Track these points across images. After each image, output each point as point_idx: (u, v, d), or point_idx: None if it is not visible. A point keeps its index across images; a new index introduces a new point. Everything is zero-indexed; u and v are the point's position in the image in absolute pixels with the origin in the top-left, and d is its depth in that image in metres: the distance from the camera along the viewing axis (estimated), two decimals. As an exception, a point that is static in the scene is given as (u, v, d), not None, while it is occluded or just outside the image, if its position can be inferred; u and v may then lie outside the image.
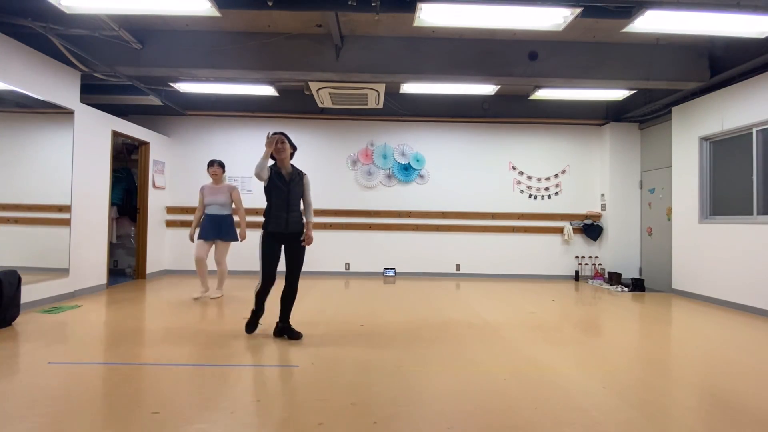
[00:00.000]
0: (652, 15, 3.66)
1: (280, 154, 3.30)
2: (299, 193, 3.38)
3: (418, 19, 3.80)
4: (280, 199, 3.29)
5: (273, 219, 3.29)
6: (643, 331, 3.93)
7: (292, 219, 3.32)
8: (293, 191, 3.33)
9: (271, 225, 3.29)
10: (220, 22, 4.54)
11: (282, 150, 3.30)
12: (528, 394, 2.41)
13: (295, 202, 3.35)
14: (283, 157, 3.32)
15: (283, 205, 3.29)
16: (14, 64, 4.11)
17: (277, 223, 3.28)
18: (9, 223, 4.40)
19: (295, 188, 3.35)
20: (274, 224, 3.28)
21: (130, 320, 3.96)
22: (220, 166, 5.00)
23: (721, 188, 5.46)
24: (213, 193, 4.92)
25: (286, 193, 3.30)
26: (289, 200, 3.30)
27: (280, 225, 3.28)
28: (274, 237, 3.31)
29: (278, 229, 3.28)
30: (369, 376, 2.65)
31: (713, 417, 2.18)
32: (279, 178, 3.31)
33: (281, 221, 3.28)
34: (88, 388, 2.40)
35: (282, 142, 3.29)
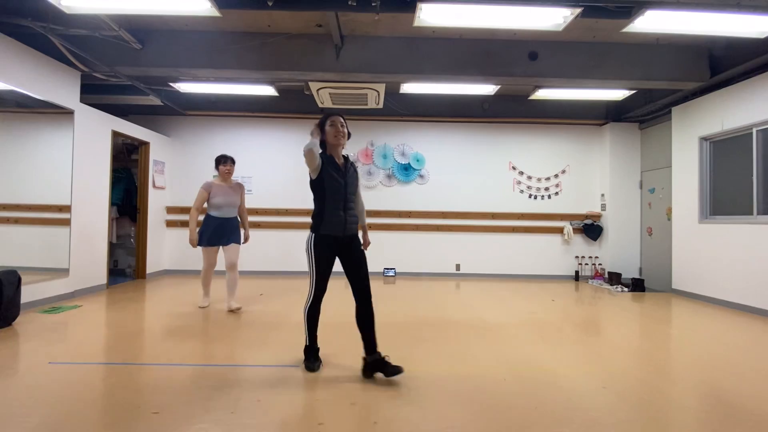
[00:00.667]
0: (652, 15, 3.66)
1: (339, 139, 2.71)
2: (355, 188, 2.82)
3: (418, 19, 3.80)
4: (337, 194, 2.68)
5: (328, 219, 2.66)
6: (643, 331, 3.93)
7: (351, 219, 2.73)
8: (350, 185, 2.75)
9: (325, 227, 2.66)
10: (220, 22, 4.54)
11: (342, 135, 2.72)
12: (528, 394, 2.41)
13: (351, 198, 2.77)
14: (341, 144, 2.73)
15: (339, 203, 2.68)
16: (14, 64, 4.11)
17: (334, 225, 2.66)
18: (9, 223, 4.40)
19: (352, 182, 2.77)
20: (330, 226, 2.66)
21: (130, 320, 3.96)
22: (233, 164, 4.53)
23: (721, 188, 5.46)
24: (225, 193, 4.38)
25: (342, 186, 2.69)
26: (346, 196, 2.71)
27: (337, 227, 2.66)
28: (328, 242, 2.68)
29: (335, 231, 2.66)
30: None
31: (713, 417, 2.18)
32: (334, 167, 2.70)
33: (339, 222, 2.67)
34: (88, 388, 2.40)
35: (343, 126, 2.72)
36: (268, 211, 7.16)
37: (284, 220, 7.16)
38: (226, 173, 4.44)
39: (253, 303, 4.83)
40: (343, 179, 2.71)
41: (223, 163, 4.43)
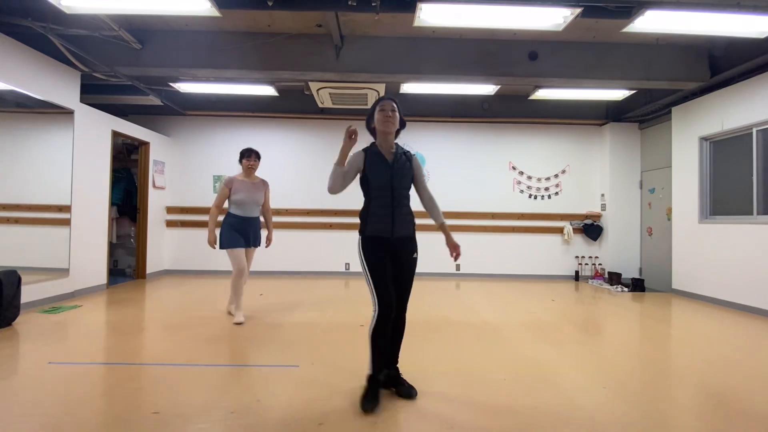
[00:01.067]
0: (652, 15, 3.66)
1: (387, 126, 2.35)
2: (408, 181, 2.42)
3: (418, 19, 3.80)
4: (382, 189, 2.34)
5: (373, 219, 2.33)
6: (643, 331, 3.93)
7: (400, 219, 2.34)
8: (399, 178, 2.36)
9: (371, 227, 2.33)
10: (220, 22, 4.54)
11: (390, 121, 2.35)
12: (528, 394, 2.41)
13: (403, 193, 2.39)
14: (389, 131, 2.37)
15: (386, 199, 2.33)
16: (14, 64, 4.11)
17: (380, 226, 2.32)
18: (9, 223, 4.40)
19: (402, 173, 2.37)
20: (376, 226, 2.32)
21: (130, 320, 3.96)
22: (258, 158, 4.13)
23: (721, 188, 5.46)
24: (248, 189, 3.98)
25: (388, 180, 2.33)
26: (393, 191, 2.33)
27: (384, 228, 2.32)
28: (377, 244, 2.33)
29: (382, 233, 2.32)
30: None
31: (713, 417, 2.18)
32: (378, 160, 2.37)
33: (385, 222, 2.32)
34: (88, 388, 2.40)
35: (393, 111, 2.36)
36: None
37: (284, 220, 7.16)
38: (249, 168, 4.06)
39: (253, 303, 4.83)
40: (389, 171, 2.34)
41: (247, 156, 4.07)
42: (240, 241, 3.88)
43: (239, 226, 3.93)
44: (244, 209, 3.96)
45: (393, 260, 2.35)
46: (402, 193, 2.38)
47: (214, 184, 7.21)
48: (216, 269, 7.09)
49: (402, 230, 2.36)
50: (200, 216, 7.16)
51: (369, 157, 2.38)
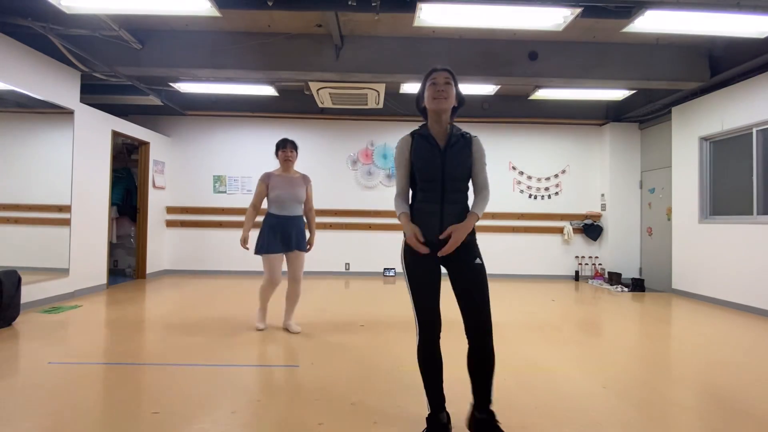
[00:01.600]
0: (652, 15, 3.66)
1: (439, 103, 1.87)
2: (465, 171, 1.91)
3: (418, 19, 3.80)
4: (430, 182, 1.88)
5: (417, 216, 1.89)
6: (643, 331, 3.93)
7: (452, 218, 1.85)
8: (452, 167, 1.87)
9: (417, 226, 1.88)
10: (220, 22, 4.54)
11: (443, 96, 1.87)
12: (528, 394, 2.41)
13: (457, 186, 1.88)
14: (442, 108, 1.88)
15: (434, 192, 1.87)
16: (14, 64, 4.11)
17: (425, 223, 1.86)
18: (9, 223, 4.40)
19: (456, 161, 1.88)
20: (421, 225, 1.87)
21: (130, 320, 3.96)
22: (294, 149, 3.65)
23: (721, 188, 5.46)
24: (288, 185, 3.52)
25: (438, 167, 1.87)
26: (444, 182, 1.87)
27: (430, 226, 1.86)
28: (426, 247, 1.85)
29: (427, 233, 1.85)
30: (369, 376, 2.65)
31: (713, 417, 2.18)
32: (427, 145, 1.90)
33: (432, 220, 1.86)
34: (88, 388, 2.40)
35: (447, 83, 1.88)
36: (268, 211, 7.16)
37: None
38: (286, 161, 3.59)
39: (253, 303, 4.83)
40: (439, 157, 1.87)
41: (282, 147, 3.60)
42: (276, 245, 3.45)
43: (279, 228, 3.46)
44: (283, 208, 3.48)
45: (452, 268, 1.88)
46: (455, 186, 1.88)
47: (214, 184, 7.21)
48: (216, 269, 7.10)
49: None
50: (200, 216, 7.16)
51: (416, 142, 1.92)
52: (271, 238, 3.44)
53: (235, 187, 7.21)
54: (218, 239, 7.15)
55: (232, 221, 7.15)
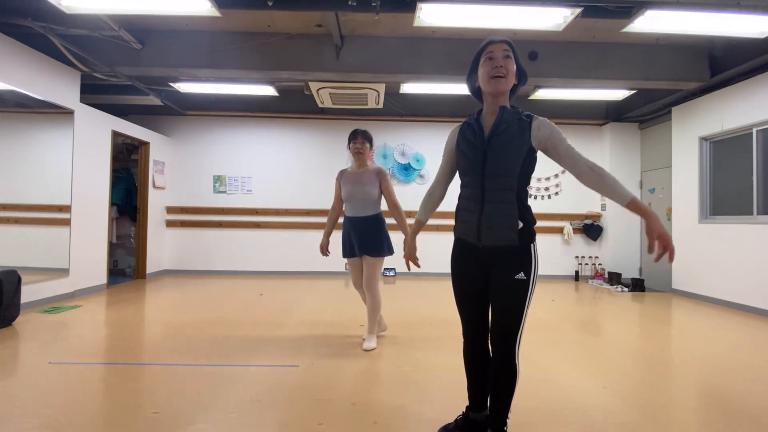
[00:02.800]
0: (652, 15, 3.66)
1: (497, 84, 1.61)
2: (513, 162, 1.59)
3: (418, 19, 3.80)
4: (469, 175, 1.68)
5: (459, 218, 1.76)
6: (643, 331, 3.93)
7: (490, 218, 1.61)
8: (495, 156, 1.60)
9: (457, 228, 1.77)
10: (220, 22, 4.54)
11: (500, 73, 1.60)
12: (528, 394, 2.41)
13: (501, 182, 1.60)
14: (502, 89, 1.62)
15: (474, 189, 1.65)
16: (14, 64, 4.11)
17: (465, 225, 1.70)
18: (9, 223, 4.40)
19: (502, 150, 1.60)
20: (460, 227, 1.74)
21: (130, 320, 3.96)
22: (366, 140, 3.21)
23: (721, 188, 5.46)
24: (356, 180, 3.16)
25: (479, 160, 1.63)
26: (485, 176, 1.62)
27: (468, 229, 1.68)
28: (462, 250, 1.75)
29: (466, 236, 1.70)
30: (369, 376, 2.65)
31: (713, 417, 2.18)
32: (471, 131, 1.68)
33: (470, 223, 1.67)
34: (88, 388, 2.40)
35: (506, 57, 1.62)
36: (268, 211, 7.16)
37: (284, 220, 7.16)
38: (356, 153, 3.19)
39: (253, 303, 4.83)
40: (481, 147, 1.62)
41: (353, 139, 3.20)
42: (346, 249, 3.23)
43: (349, 230, 3.19)
44: (350, 207, 3.19)
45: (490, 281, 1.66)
46: (498, 183, 1.59)
47: (214, 184, 7.21)
48: (216, 269, 7.10)
49: (489, 236, 1.61)
50: (200, 216, 7.16)
51: (463, 130, 1.71)
52: (344, 241, 3.24)
53: (235, 187, 7.21)
54: (218, 239, 7.15)
55: (232, 221, 7.15)
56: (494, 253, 1.63)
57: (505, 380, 1.65)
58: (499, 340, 1.65)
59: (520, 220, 1.59)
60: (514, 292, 1.60)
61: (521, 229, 1.59)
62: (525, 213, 1.61)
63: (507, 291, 1.61)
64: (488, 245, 1.62)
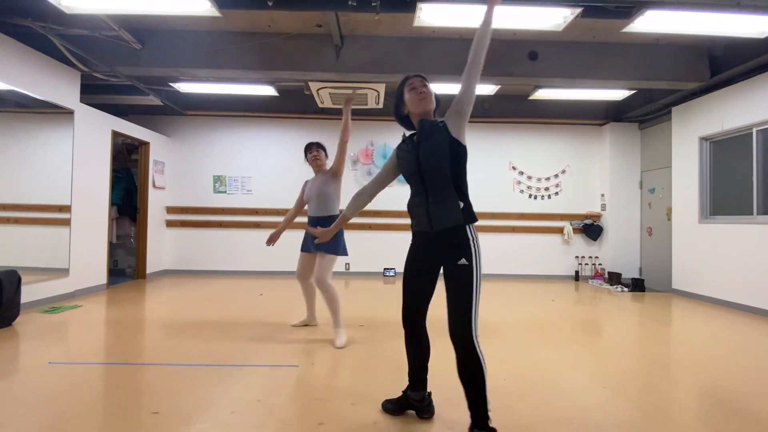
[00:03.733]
0: (652, 15, 3.66)
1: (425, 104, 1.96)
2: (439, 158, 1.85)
3: (418, 19, 3.80)
4: (409, 175, 1.96)
5: (411, 214, 1.99)
6: (643, 331, 3.93)
7: (436, 206, 1.86)
8: (425, 156, 1.88)
9: (413, 224, 1.99)
10: (220, 22, 4.54)
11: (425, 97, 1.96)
12: (528, 394, 2.41)
13: (434, 175, 1.86)
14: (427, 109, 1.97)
15: (417, 186, 1.93)
16: (14, 64, 4.11)
17: (417, 219, 1.95)
18: (9, 223, 4.40)
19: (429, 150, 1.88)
20: (414, 218, 1.97)
21: (130, 320, 3.96)
22: (320, 149, 3.66)
23: (721, 188, 5.46)
24: (313, 184, 3.59)
25: (414, 162, 1.91)
26: (422, 176, 1.89)
27: (421, 221, 1.92)
28: (417, 242, 2.00)
29: (420, 227, 1.94)
30: (369, 376, 2.65)
31: (713, 417, 2.18)
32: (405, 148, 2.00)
33: (421, 214, 1.91)
34: (88, 388, 2.40)
35: (424, 86, 1.99)
36: (268, 211, 7.16)
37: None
38: (313, 160, 3.65)
39: (253, 303, 4.83)
40: (414, 151, 1.91)
41: (308, 150, 3.67)
42: (303, 243, 3.65)
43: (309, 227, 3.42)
44: (310, 207, 3.58)
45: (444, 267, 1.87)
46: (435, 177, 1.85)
47: (214, 184, 7.21)
48: (216, 269, 7.10)
49: (442, 220, 1.84)
50: (200, 216, 7.16)
51: (399, 147, 2.02)
52: (306, 236, 3.63)
53: (235, 187, 7.21)
54: (218, 239, 7.15)
55: (232, 221, 7.15)
56: (444, 239, 1.84)
57: (473, 372, 1.77)
58: (455, 328, 1.80)
59: (460, 201, 1.84)
60: (460, 278, 1.80)
61: (462, 208, 1.83)
62: (462, 196, 1.85)
63: (455, 276, 1.82)
64: (440, 228, 1.84)
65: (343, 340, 3.28)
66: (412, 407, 2.11)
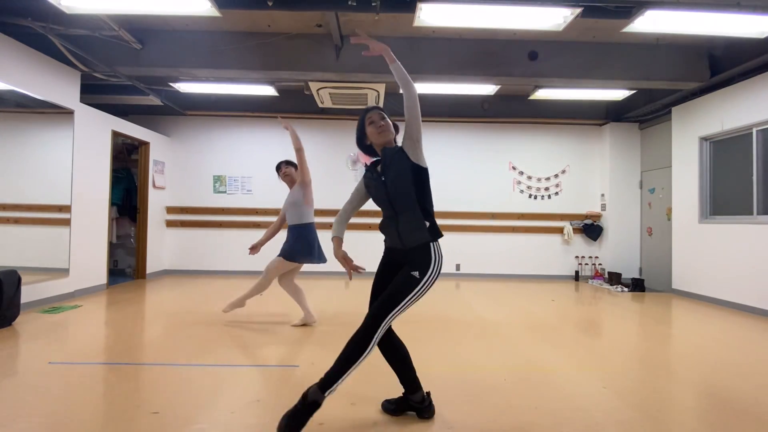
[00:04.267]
0: (652, 15, 3.66)
1: (385, 135, 2.12)
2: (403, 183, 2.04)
3: (418, 19, 3.80)
4: (380, 202, 2.16)
5: (383, 231, 2.21)
6: (643, 332, 3.93)
7: (405, 226, 2.05)
8: (392, 185, 2.06)
9: (386, 239, 2.20)
10: (220, 22, 4.54)
11: (385, 129, 2.12)
12: (528, 394, 2.41)
13: (403, 199, 2.05)
14: (388, 140, 2.13)
15: (388, 210, 2.13)
16: (14, 64, 4.11)
17: (389, 238, 2.16)
18: (9, 223, 4.40)
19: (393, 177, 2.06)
20: (387, 238, 2.19)
21: (130, 320, 3.96)
22: (290, 165, 3.99)
23: (721, 188, 5.46)
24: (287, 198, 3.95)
25: (383, 191, 2.10)
26: (391, 201, 2.08)
27: (392, 239, 2.13)
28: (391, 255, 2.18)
29: (393, 244, 2.14)
30: (369, 376, 2.65)
31: (713, 417, 2.18)
32: (371, 173, 2.18)
33: (392, 234, 2.11)
34: (88, 388, 2.40)
35: (383, 119, 2.14)
36: (267, 211, 7.16)
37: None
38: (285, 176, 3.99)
39: (254, 303, 4.83)
40: (382, 183, 2.10)
41: (279, 169, 4.00)
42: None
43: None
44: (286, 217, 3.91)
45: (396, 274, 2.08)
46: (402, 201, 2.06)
47: (214, 184, 7.21)
48: (216, 269, 7.10)
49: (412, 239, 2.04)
50: (200, 216, 7.16)
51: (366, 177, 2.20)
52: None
53: (235, 187, 7.21)
54: (218, 239, 7.15)
55: (232, 221, 7.15)
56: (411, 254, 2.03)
57: (354, 348, 1.96)
58: (374, 308, 1.97)
59: (426, 221, 2.03)
60: (404, 283, 1.98)
61: (428, 227, 2.03)
62: (428, 216, 2.05)
63: (400, 279, 1.99)
64: (411, 246, 2.03)
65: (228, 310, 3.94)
66: (413, 408, 2.16)
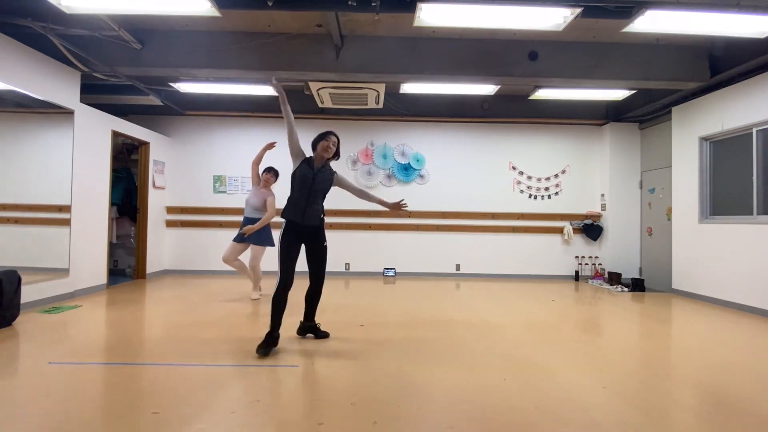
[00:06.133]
0: (652, 15, 3.66)
1: (327, 153, 3.19)
2: (324, 188, 3.22)
3: (418, 19, 3.80)
4: (304, 185, 3.12)
5: (291, 204, 3.14)
6: (643, 332, 3.93)
7: (311, 211, 3.12)
8: (318, 181, 3.15)
9: (287, 211, 3.14)
10: (220, 22, 4.54)
11: (330, 150, 3.20)
12: (528, 393, 2.41)
13: (318, 195, 3.17)
14: (327, 156, 3.21)
15: (304, 194, 3.12)
16: (14, 64, 4.11)
17: (295, 211, 3.12)
18: (9, 223, 4.40)
19: (322, 179, 3.17)
20: (291, 210, 3.13)
21: (130, 320, 3.96)
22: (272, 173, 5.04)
23: (721, 188, 5.46)
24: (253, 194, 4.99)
25: (310, 180, 3.12)
26: (311, 190, 3.12)
27: (297, 214, 3.11)
28: (291, 229, 3.14)
29: (294, 217, 3.12)
30: (369, 376, 2.65)
31: (713, 417, 2.18)
32: (308, 164, 3.18)
33: (299, 210, 3.11)
34: (88, 388, 2.40)
35: (334, 144, 3.23)
36: (268, 211, 7.16)
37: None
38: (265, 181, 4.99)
39: (254, 303, 4.83)
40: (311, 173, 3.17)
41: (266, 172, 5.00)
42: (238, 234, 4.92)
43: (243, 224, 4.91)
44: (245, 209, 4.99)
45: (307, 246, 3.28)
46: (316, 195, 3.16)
47: (214, 184, 7.21)
48: (216, 269, 7.09)
49: (309, 221, 3.14)
50: (200, 216, 7.16)
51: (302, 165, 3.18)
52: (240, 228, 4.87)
53: (235, 187, 7.21)
54: (218, 239, 7.13)
55: (232, 221, 7.14)
56: (310, 231, 3.22)
57: (318, 294, 3.40)
58: (317, 276, 3.35)
59: (322, 215, 3.25)
60: (324, 252, 3.31)
61: (322, 216, 3.25)
62: (323, 210, 3.26)
63: (322, 252, 3.30)
64: (308, 225, 3.17)
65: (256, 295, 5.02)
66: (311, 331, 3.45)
